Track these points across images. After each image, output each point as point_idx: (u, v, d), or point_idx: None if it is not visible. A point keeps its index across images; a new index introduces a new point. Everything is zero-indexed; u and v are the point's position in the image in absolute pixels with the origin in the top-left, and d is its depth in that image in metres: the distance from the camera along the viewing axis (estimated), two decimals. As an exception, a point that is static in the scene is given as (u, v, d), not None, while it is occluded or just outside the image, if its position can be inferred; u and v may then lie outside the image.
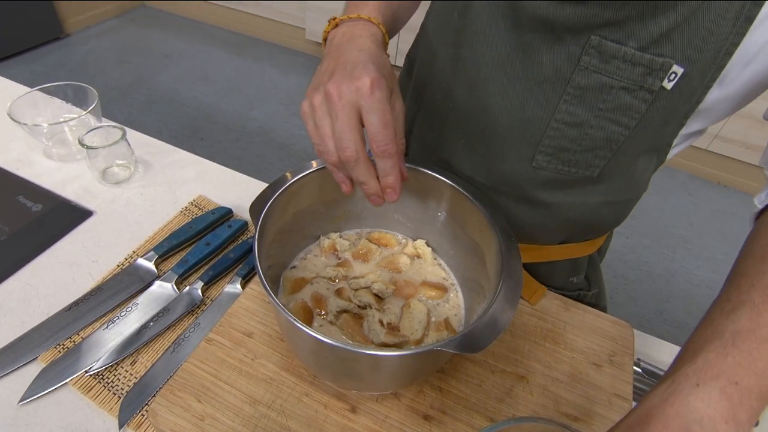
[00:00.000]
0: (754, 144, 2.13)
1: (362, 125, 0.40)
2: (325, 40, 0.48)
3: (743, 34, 0.39)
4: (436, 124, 0.58)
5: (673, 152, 0.52)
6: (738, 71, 0.42)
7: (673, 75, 0.42)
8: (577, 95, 0.46)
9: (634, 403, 0.51)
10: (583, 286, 0.71)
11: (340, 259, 0.58)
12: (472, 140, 0.54)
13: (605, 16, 0.41)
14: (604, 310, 0.74)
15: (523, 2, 0.44)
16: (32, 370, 0.51)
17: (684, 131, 0.49)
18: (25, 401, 0.48)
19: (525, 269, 0.62)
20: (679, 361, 0.34)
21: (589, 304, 0.69)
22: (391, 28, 0.51)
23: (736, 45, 0.40)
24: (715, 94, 0.44)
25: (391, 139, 0.40)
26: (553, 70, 0.46)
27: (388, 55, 0.46)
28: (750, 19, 0.38)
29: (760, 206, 0.44)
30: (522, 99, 0.48)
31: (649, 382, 0.58)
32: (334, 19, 0.48)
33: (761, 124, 2.07)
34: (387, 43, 0.48)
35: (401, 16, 0.56)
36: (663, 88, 0.43)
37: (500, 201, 0.56)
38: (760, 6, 0.37)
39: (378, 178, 0.42)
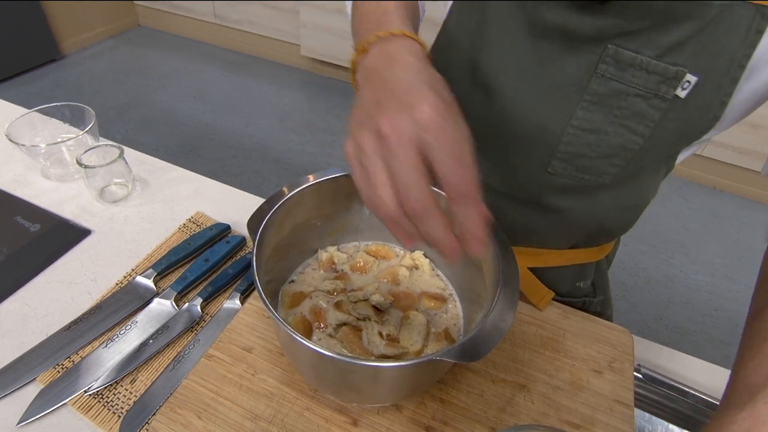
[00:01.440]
0: (748, 148, 2.16)
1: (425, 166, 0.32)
2: (353, 71, 0.41)
3: (754, 46, 0.40)
4: None
5: (679, 159, 0.53)
6: (740, 84, 0.43)
7: (687, 83, 0.43)
8: (594, 102, 0.46)
9: (635, 410, 0.51)
10: (589, 293, 0.71)
11: (338, 272, 0.58)
12: (488, 147, 0.54)
13: (622, 26, 0.42)
14: (609, 318, 0.74)
15: (542, 12, 0.45)
16: (31, 391, 0.50)
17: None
18: (23, 423, 0.48)
19: (533, 274, 0.62)
20: None
21: (594, 312, 0.69)
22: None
23: (748, 57, 0.41)
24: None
25: (471, 180, 0.32)
26: (570, 77, 0.46)
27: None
28: (760, 32, 0.39)
29: None
30: (539, 106, 0.49)
31: (650, 388, 0.58)
32: (361, 44, 0.40)
33: (754, 129, 2.09)
34: (430, 58, 0.40)
35: (417, 26, 0.51)
36: (677, 96, 0.44)
37: (513, 206, 0.55)
38: None
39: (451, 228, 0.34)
